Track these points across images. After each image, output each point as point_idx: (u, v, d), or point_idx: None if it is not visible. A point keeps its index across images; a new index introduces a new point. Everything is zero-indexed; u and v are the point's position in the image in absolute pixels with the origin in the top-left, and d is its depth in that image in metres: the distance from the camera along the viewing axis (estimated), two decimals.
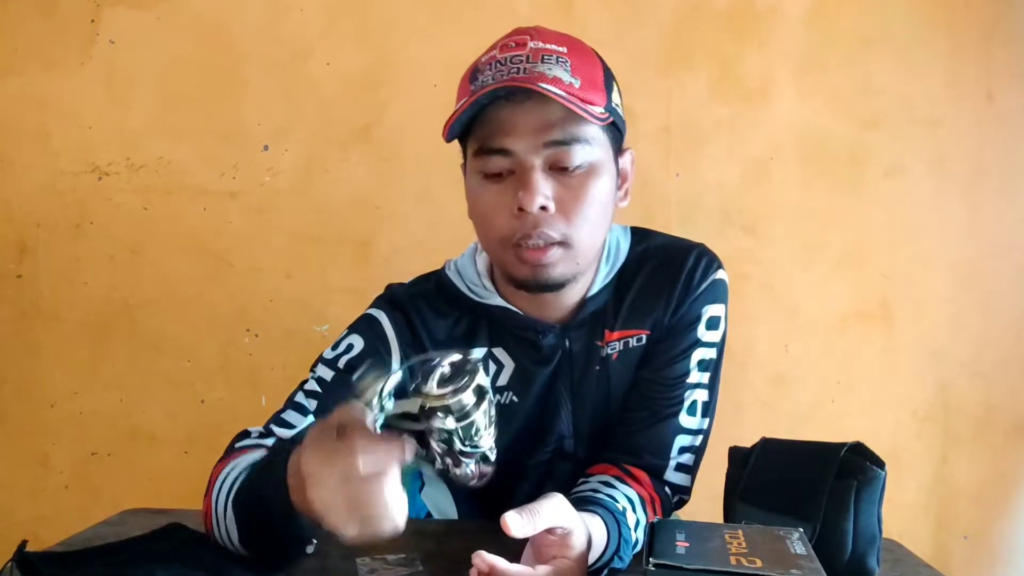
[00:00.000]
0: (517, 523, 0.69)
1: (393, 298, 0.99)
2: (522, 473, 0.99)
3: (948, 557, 1.62)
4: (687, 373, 0.96)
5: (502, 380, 0.96)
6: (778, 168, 1.62)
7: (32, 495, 1.72)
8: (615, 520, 0.82)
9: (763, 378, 1.64)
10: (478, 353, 0.68)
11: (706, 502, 1.68)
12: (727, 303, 0.99)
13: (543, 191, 0.84)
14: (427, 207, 1.63)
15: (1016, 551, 1.63)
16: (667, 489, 0.96)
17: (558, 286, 0.91)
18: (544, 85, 0.82)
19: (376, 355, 0.94)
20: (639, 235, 1.03)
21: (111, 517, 1.00)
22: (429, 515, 1.14)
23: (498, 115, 0.85)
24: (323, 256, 1.66)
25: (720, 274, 0.99)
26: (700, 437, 0.98)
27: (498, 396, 0.95)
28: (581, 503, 0.82)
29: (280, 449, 0.79)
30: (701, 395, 0.97)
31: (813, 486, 0.84)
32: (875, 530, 0.83)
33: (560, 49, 0.87)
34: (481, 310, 0.97)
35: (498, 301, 0.96)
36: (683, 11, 1.61)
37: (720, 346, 0.99)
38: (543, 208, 0.85)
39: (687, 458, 0.97)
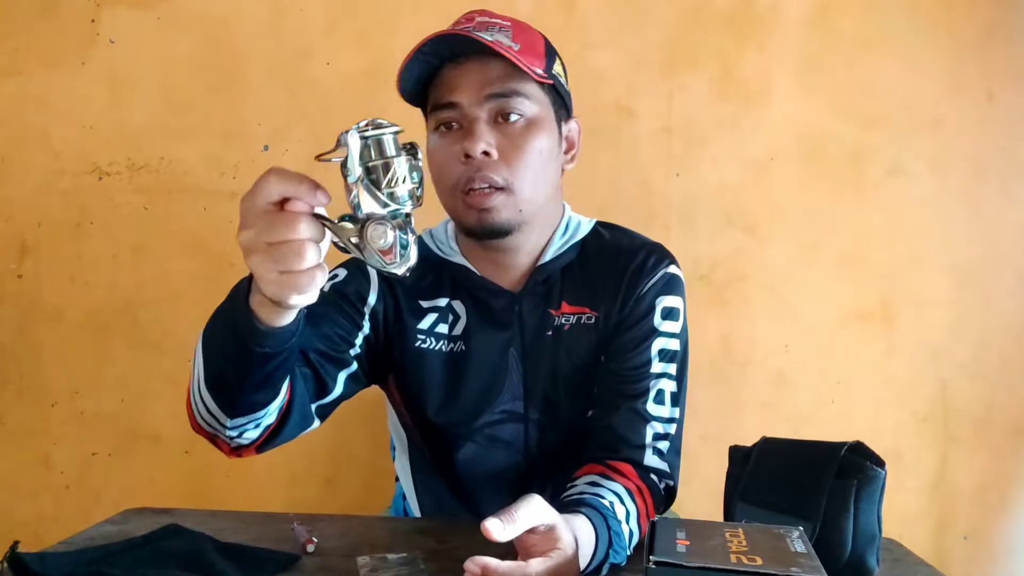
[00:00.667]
0: (497, 527, 0.70)
1: None
2: (469, 434, 1.02)
3: (948, 557, 1.62)
4: (649, 362, 0.99)
5: (456, 330, 1.02)
6: (779, 168, 1.62)
7: (33, 495, 1.72)
8: (602, 516, 0.82)
9: (763, 378, 1.64)
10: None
11: (706, 501, 1.68)
12: (684, 297, 1.04)
13: (485, 138, 0.92)
14: (427, 207, 1.62)
15: (1016, 551, 1.64)
16: (652, 476, 0.96)
17: (503, 232, 0.96)
18: (481, 34, 0.91)
19: (357, 279, 1.01)
20: (606, 226, 1.10)
21: (114, 516, 1.01)
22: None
23: (447, 75, 0.95)
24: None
25: (672, 268, 1.04)
26: (673, 426, 0.99)
27: (451, 344, 1.02)
28: (567, 507, 0.83)
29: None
30: (668, 385, 1.00)
31: (813, 485, 0.84)
32: (875, 529, 0.83)
33: (504, 23, 0.97)
34: (445, 266, 1.05)
35: (460, 260, 1.04)
36: (684, 12, 1.61)
37: (682, 339, 1.02)
38: (486, 154, 0.92)
39: (664, 445, 0.98)
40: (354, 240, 0.68)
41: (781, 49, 1.61)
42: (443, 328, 1.03)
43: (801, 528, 0.71)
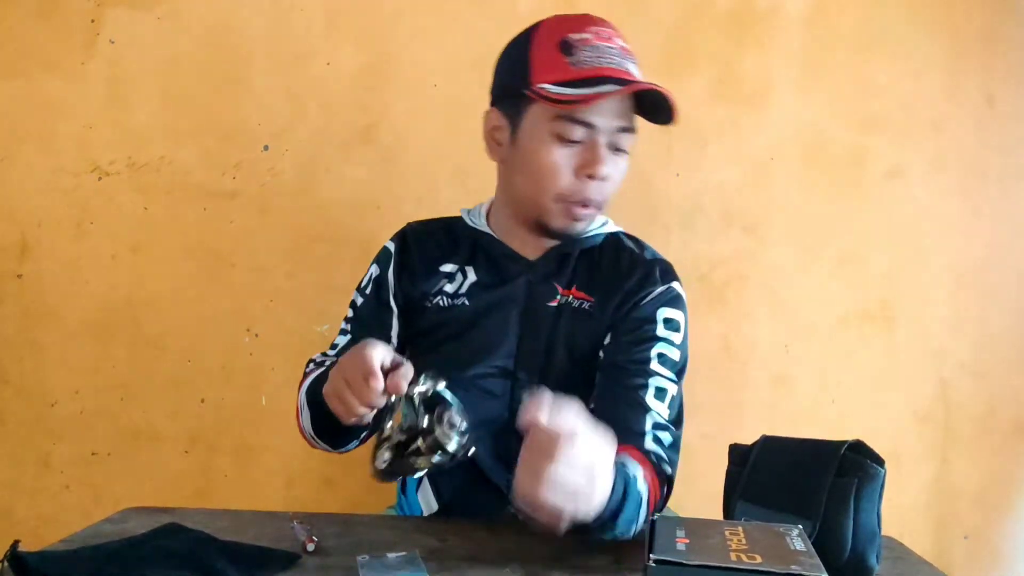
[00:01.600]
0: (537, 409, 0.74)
1: (402, 232, 1.21)
2: (460, 381, 1.04)
3: (948, 557, 1.62)
4: (648, 360, 1.05)
5: (463, 289, 1.12)
6: (778, 169, 1.63)
7: (33, 494, 1.72)
8: (624, 479, 0.84)
9: (763, 378, 1.64)
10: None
11: (706, 500, 1.68)
12: (686, 314, 1.11)
13: (608, 165, 1.03)
14: (428, 207, 1.62)
15: (1016, 551, 1.64)
16: (653, 458, 0.98)
17: (574, 237, 1.10)
18: (631, 68, 1.03)
19: (378, 278, 1.18)
20: (630, 236, 1.19)
21: (113, 516, 1.01)
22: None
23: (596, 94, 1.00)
24: (324, 256, 1.66)
25: (676, 285, 1.12)
26: (673, 428, 1.03)
27: (454, 301, 1.12)
28: None
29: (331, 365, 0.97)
30: (670, 387, 1.05)
31: (813, 484, 0.84)
32: (875, 528, 0.83)
33: (629, 46, 1.07)
34: (469, 234, 1.17)
35: (485, 228, 1.15)
36: (684, 12, 1.61)
37: (683, 350, 1.09)
38: (604, 178, 1.03)
39: (664, 436, 1.01)
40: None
41: (781, 49, 1.61)
42: (450, 288, 1.13)
43: (801, 527, 0.71)
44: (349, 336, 1.15)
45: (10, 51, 1.68)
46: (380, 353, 0.84)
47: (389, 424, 0.85)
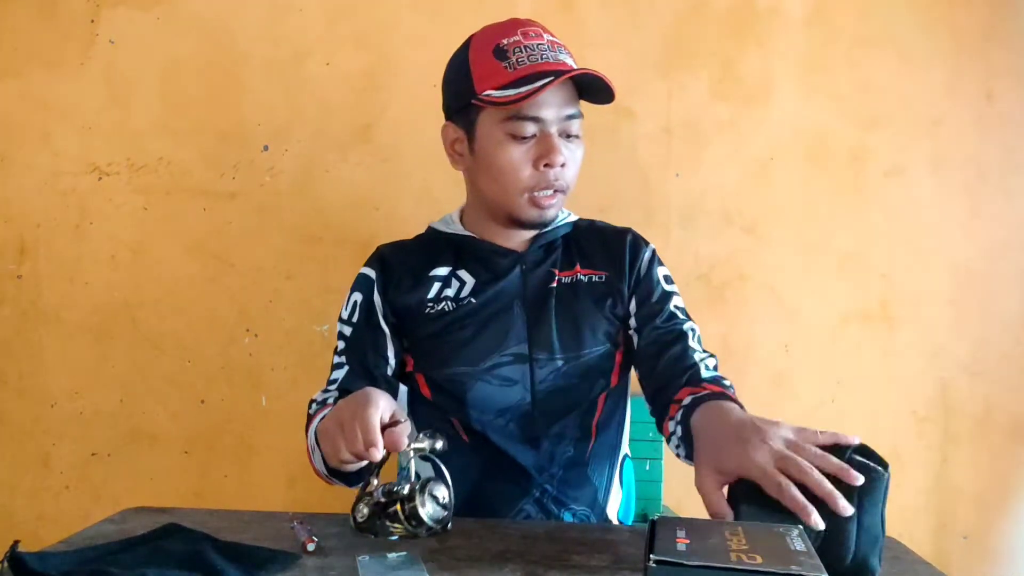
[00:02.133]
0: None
1: (377, 254, 1.23)
2: (479, 374, 1.14)
3: (948, 557, 1.62)
4: (672, 316, 1.17)
5: (464, 292, 1.17)
6: (778, 168, 1.63)
7: (33, 495, 1.72)
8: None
9: (763, 378, 1.64)
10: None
11: None
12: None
13: (564, 152, 1.08)
14: (427, 208, 1.63)
15: (1016, 551, 1.64)
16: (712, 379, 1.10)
17: (547, 224, 1.16)
18: (562, 58, 1.08)
19: (364, 299, 1.19)
20: (584, 219, 1.27)
21: (113, 516, 1.00)
22: None
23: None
24: (323, 257, 1.66)
25: (650, 244, 1.24)
26: (711, 354, 1.15)
27: (458, 304, 1.16)
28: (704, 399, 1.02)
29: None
30: (693, 329, 1.17)
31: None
32: (879, 531, 0.82)
33: (559, 41, 1.13)
34: (450, 241, 1.21)
35: (465, 232, 1.20)
36: (683, 11, 1.61)
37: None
38: (563, 165, 1.09)
39: (710, 363, 1.12)
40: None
41: (781, 49, 1.61)
42: (449, 292, 1.17)
43: (800, 526, 0.71)
44: (346, 368, 1.16)
45: (10, 51, 1.68)
46: (381, 408, 0.85)
47: (375, 481, 0.87)
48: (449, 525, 0.85)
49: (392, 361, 1.17)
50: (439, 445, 0.87)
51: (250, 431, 1.69)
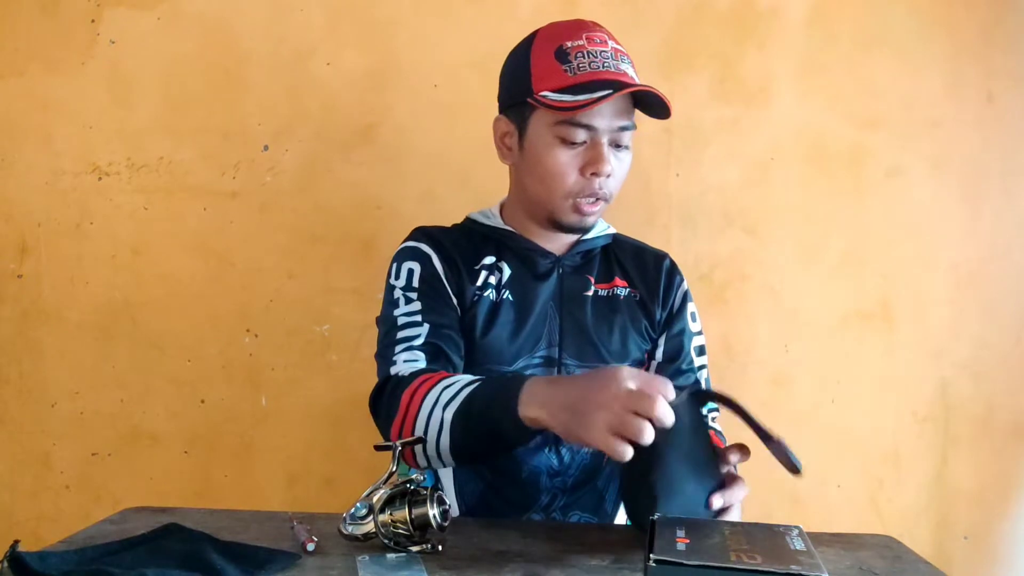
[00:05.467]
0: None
1: (423, 232, 1.21)
2: (507, 374, 1.13)
3: (948, 557, 1.62)
4: (690, 355, 1.22)
5: (503, 282, 1.17)
6: (778, 169, 1.63)
7: (33, 495, 1.72)
8: None
9: (763, 378, 1.64)
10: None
11: None
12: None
13: (612, 162, 1.09)
14: (429, 207, 1.63)
15: (1016, 551, 1.64)
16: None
17: (585, 230, 1.18)
18: (627, 69, 1.09)
19: (430, 268, 1.15)
20: (623, 236, 1.30)
21: (113, 516, 1.00)
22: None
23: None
24: (325, 256, 1.66)
25: (684, 277, 1.27)
26: (716, 412, 1.19)
27: (498, 294, 1.16)
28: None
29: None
30: (707, 373, 1.23)
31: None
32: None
33: (623, 48, 1.12)
34: (491, 233, 1.20)
35: (504, 226, 1.20)
36: (684, 12, 1.61)
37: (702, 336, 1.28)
38: (608, 175, 1.09)
39: (715, 423, 1.17)
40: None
41: (781, 49, 1.61)
42: (492, 280, 1.17)
43: (800, 526, 0.71)
44: (427, 327, 1.08)
45: (10, 51, 1.68)
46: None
47: (381, 490, 0.86)
48: (440, 547, 0.86)
49: (460, 340, 1.12)
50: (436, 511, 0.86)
51: (250, 431, 1.69)
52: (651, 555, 0.64)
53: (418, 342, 1.07)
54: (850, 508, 1.64)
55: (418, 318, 1.10)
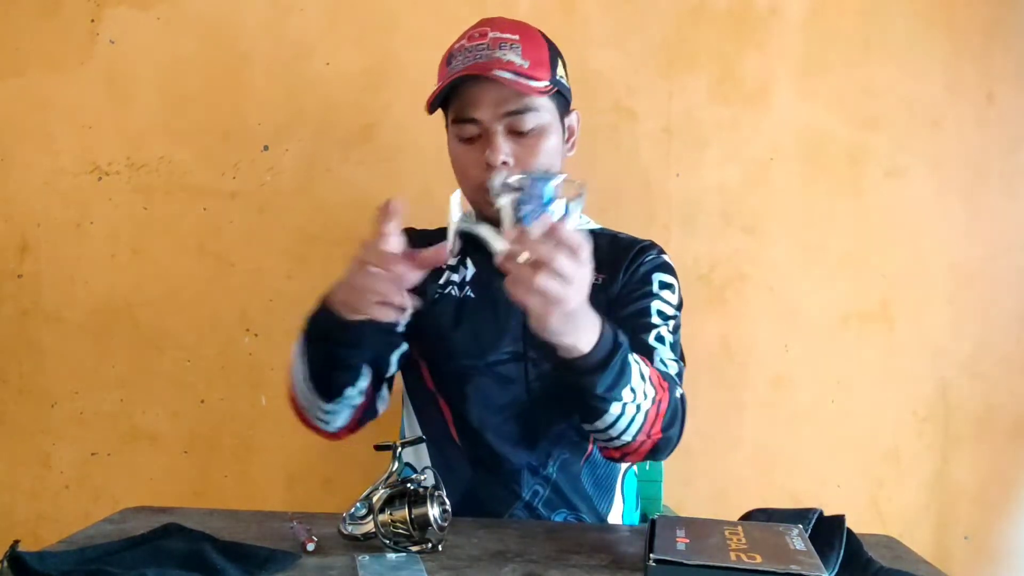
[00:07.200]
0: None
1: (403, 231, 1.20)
2: (479, 370, 1.14)
3: (948, 557, 1.62)
4: (649, 314, 1.13)
5: (467, 279, 1.18)
6: (778, 169, 1.62)
7: (33, 495, 1.72)
8: (619, 340, 0.89)
9: (763, 378, 1.64)
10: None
11: (706, 500, 1.68)
12: (677, 279, 1.19)
13: (504, 151, 1.08)
14: (428, 207, 1.62)
15: (1016, 551, 1.63)
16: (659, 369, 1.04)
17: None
18: (498, 72, 1.05)
19: None
20: (608, 230, 1.26)
21: (113, 515, 1.01)
22: None
23: (468, 92, 1.10)
24: (324, 256, 1.66)
25: (665, 256, 1.21)
26: (675, 364, 1.10)
27: (461, 291, 1.18)
28: None
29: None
30: (667, 335, 1.12)
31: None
32: None
33: (513, 37, 1.11)
34: (463, 232, 1.14)
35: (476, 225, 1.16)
36: (683, 12, 1.61)
37: (678, 307, 1.18)
38: (504, 163, 1.08)
39: (672, 366, 1.08)
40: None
41: (781, 49, 1.61)
42: (456, 278, 1.19)
43: (800, 526, 0.71)
44: None
45: (10, 50, 1.68)
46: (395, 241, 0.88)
47: (380, 491, 0.88)
48: (440, 545, 0.86)
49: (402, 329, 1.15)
50: (436, 511, 0.87)
51: (250, 431, 1.69)
52: (651, 555, 0.64)
53: None
54: (850, 508, 1.62)
55: None
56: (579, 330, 0.85)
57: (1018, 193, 1.60)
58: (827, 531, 0.80)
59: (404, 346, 1.16)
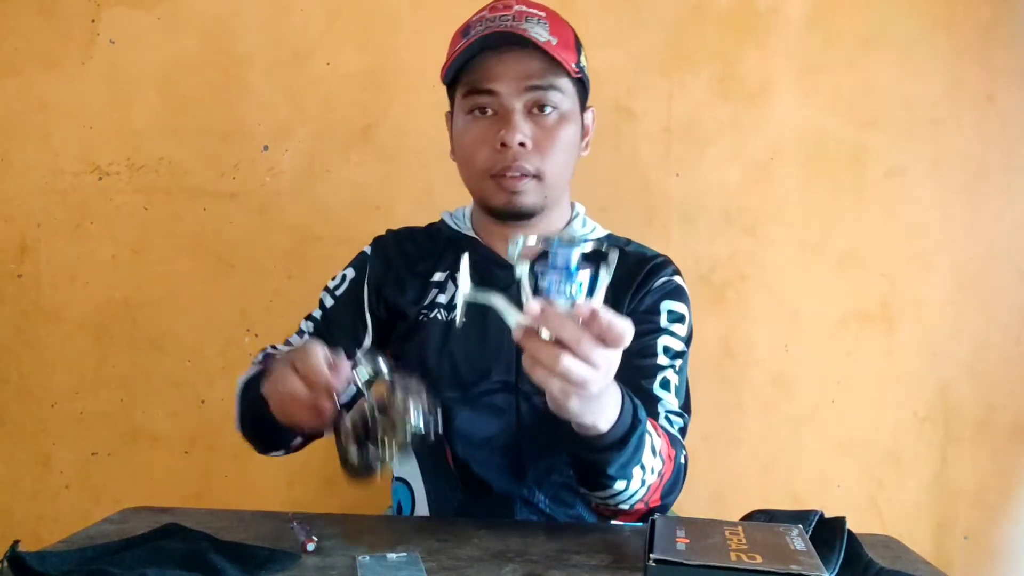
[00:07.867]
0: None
1: (381, 238, 1.17)
2: (467, 400, 1.05)
3: (948, 557, 1.62)
4: (655, 353, 1.03)
5: (457, 300, 1.06)
6: (778, 168, 1.62)
7: (33, 495, 1.72)
8: (633, 403, 0.83)
9: (763, 378, 1.64)
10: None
11: (706, 500, 1.68)
12: (688, 304, 1.10)
13: (523, 129, 0.99)
14: (428, 208, 1.62)
15: (1016, 551, 1.63)
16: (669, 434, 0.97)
17: (528, 215, 1.05)
18: (524, 27, 0.97)
19: (354, 281, 1.13)
20: (619, 237, 1.17)
21: (113, 516, 1.00)
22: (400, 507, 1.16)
23: (487, 62, 0.99)
24: (324, 257, 1.66)
25: (678, 279, 1.11)
26: (685, 415, 1.03)
27: (447, 314, 1.08)
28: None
29: (271, 362, 0.94)
30: (673, 378, 1.03)
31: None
32: None
33: (540, 13, 1.02)
34: (453, 239, 1.12)
35: (469, 233, 1.12)
36: (684, 11, 1.61)
37: (687, 341, 1.08)
38: (522, 144, 0.99)
39: (676, 421, 1.00)
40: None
41: (781, 49, 1.61)
42: (442, 299, 1.09)
43: (800, 526, 0.71)
44: (307, 337, 1.10)
45: (10, 51, 1.68)
46: (320, 350, 0.82)
47: (344, 421, 0.81)
48: (439, 423, 0.80)
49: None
50: (383, 365, 0.81)
51: None
52: (651, 555, 0.64)
53: (284, 348, 1.10)
54: (850, 508, 1.63)
55: (309, 326, 1.13)
56: (601, 411, 0.77)
57: (1018, 193, 1.60)
58: (828, 533, 0.80)
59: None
